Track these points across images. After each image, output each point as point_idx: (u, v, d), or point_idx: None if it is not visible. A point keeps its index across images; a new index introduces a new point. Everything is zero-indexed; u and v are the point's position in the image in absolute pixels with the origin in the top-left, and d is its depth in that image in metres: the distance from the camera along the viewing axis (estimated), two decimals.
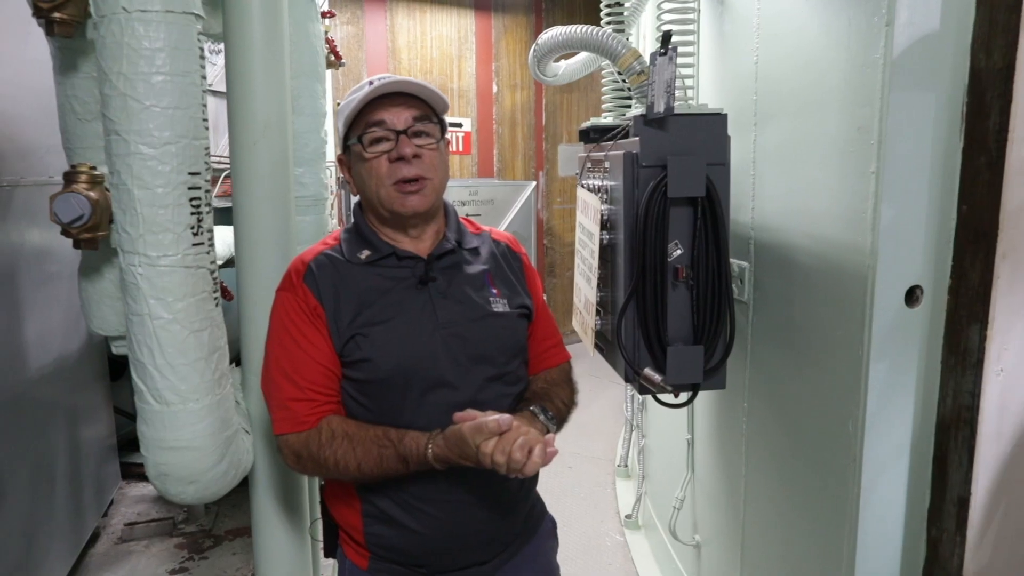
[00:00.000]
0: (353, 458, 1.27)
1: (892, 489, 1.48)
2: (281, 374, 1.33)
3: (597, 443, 4.48)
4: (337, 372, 1.34)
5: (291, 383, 1.32)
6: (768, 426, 1.89)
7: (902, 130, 1.36)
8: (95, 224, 1.76)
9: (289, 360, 1.33)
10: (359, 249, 1.39)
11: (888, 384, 1.44)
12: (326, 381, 1.33)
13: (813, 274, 1.62)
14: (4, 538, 2.36)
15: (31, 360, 2.63)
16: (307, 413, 1.31)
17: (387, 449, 1.26)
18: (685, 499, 2.57)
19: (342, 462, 1.27)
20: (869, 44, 1.38)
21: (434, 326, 1.34)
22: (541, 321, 1.54)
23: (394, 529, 1.35)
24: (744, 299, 1.95)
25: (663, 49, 1.61)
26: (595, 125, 2.02)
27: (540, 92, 6.72)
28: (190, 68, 1.41)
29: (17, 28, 2.55)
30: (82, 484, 3.06)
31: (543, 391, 1.47)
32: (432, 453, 1.23)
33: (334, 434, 1.29)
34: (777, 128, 1.78)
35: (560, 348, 1.58)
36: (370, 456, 1.26)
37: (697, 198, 1.61)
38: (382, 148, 1.34)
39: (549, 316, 1.57)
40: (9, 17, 2.51)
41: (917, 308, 1.42)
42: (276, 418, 1.33)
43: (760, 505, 1.97)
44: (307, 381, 1.31)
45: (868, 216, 1.40)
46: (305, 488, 1.91)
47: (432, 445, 1.23)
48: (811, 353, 1.64)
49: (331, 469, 1.29)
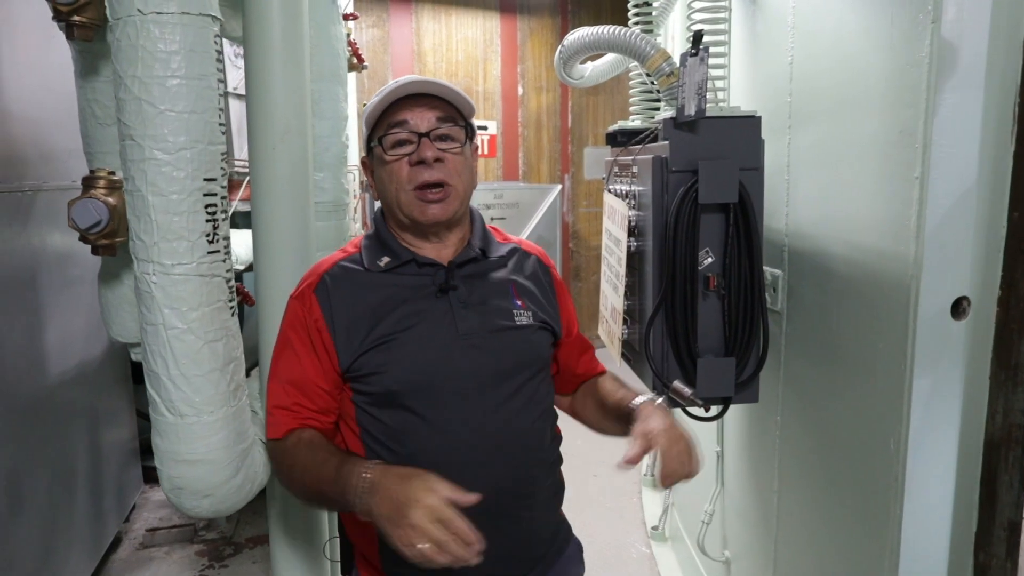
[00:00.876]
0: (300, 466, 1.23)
1: (937, 512, 1.41)
2: (276, 379, 1.33)
3: (623, 451, 4.38)
4: (329, 388, 1.30)
5: (282, 390, 1.31)
6: (803, 442, 1.82)
7: (949, 132, 1.29)
8: (113, 230, 1.74)
9: (286, 368, 1.32)
10: (379, 256, 1.34)
11: (932, 400, 1.37)
12: (314, 396, 1.30)
13: (851, 283, 1.55)
14: (23, 543, 2.35)
15: (52, 364, 2.62)
16: (287, 422, 1.29)
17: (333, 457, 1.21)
18: (714, 513, 2.50)
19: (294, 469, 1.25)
20: (914, 42, 1.31)
21: (453, 337, 1.28)
22: (578, 339, 1.51)
23: None
24: (777, 309, 1.88)
25: (694, 49, 1.55)
26: (623, 128, 1.96)
27: (566, 94, 6.67)
28: (206, 71, 1.37)
29: (42, 32, 2.55)
30: (103, 489, 3.06)
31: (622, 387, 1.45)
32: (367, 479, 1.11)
33: (299, 441, 1.27)
34: (813, 131, 1.71)
35: (597, 361, 1.54)
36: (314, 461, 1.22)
37: (729, 204, 1.55)
38: (403, 151, 1.28)
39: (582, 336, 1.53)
40: (34, 21, 2.51)
41: (964, 321, 1.36)
42: (266, 422, 1.33)
43: (794, 523, 1.89)
44: (295, 392, 1.30)
45: (912, 223, 1.34)
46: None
47: (368, 473, 1.12)
48: (849, 366, 1.57)
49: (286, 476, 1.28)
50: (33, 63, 2.54)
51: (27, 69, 2.50)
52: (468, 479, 1.24)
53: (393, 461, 1.24)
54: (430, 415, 1.25)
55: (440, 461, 1.23)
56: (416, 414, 1.25)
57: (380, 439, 1.27)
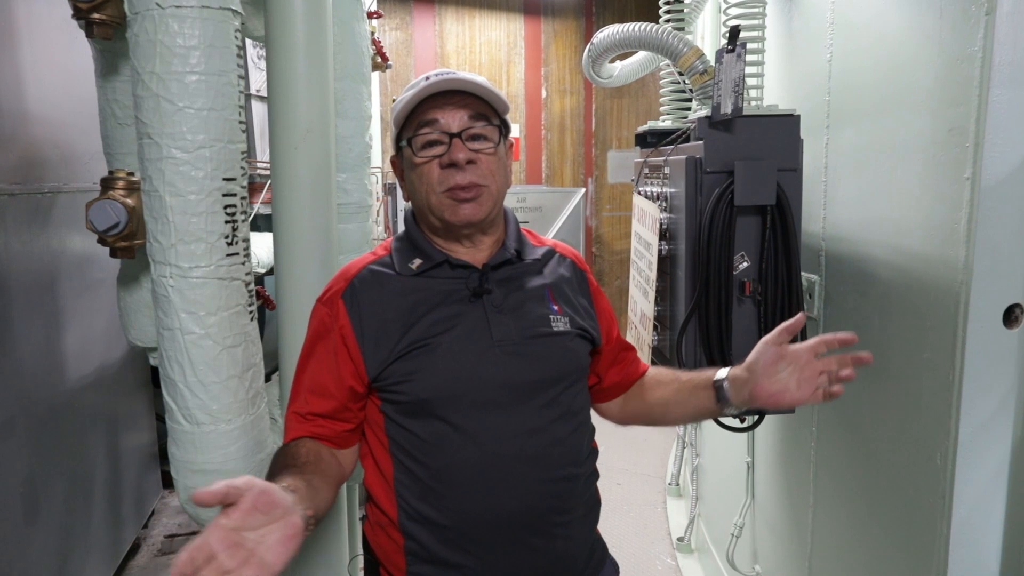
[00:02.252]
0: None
1: (987, 531, 1.34)
2: (298, 386, 1.27)
3: (648, 458, 4.33)
4: (350, 398, 1.24)
5: (301, 398, 1.25)
6: (841, 455, 1.75)
7: (1002, 131, 1.23)
8: (131, 232, 1.71)
9: (308, 375, 1.26)
10: (410, 258, 1.28)
11: (983, 413, 1.30)
12: (329, 406, 1.23)
13: (894, 290, 1.48)
14: (40, 549, 2.32)
15: (71, 368, 2.60)
16: (296, 429, 1.23)
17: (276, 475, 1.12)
18: (744, 526, 2.43)
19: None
20: (965, 36, 1.25)
21: (488, 344, 1.21)
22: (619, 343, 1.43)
23: (441, 570, 1.22)
24: (814, 315, 1.81)
25: (731, 45, 1.49)
26: (653, 129, 1.90)
27: (590, 97, 6.60)
28: (226, 67, 1.33)
29: (65, 34, 2.54)
30: (122, 494, 3.04)
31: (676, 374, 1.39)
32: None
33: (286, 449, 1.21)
34: (853, 130, 1.64)
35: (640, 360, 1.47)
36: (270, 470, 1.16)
37: (767, 206, 1.49)
38: (434, 152, 1.22)
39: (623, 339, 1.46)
40: (57, 23, 2.50)
41: (1017, 329, 1.29)
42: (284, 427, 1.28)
43: (830, 540, 1.82)
44: (314, 399, 1.24)
45: (962, 227, 1.27)
46: (344, 517, 1.81)
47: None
48: (892, 377, 1.50)
49: None
50: (55, 64, 2.53)
51: (49, 70, 2.49)
52: (501, 493, 1.19)
53: (423, 475, 1.19)
54: (463, 425, 1.18)
55: (473, 475, 1.17)
56: (449, 424, 1.19)
57: (410, 451, 1.21)
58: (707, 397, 1.30)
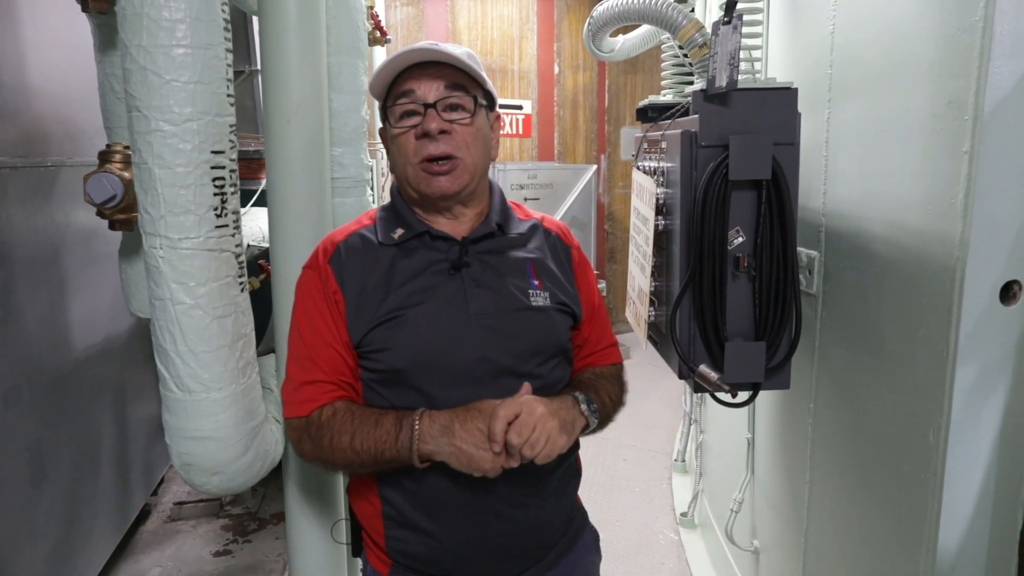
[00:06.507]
0: (348, 431, 1.18)
1: (978, 508, 1.32)
2: (294, 355, 1.27)
3: (654, 435, 4.33)
4: (350, 360, 1.25)
5: (301, 366, 1.25)
6: (837, 431, 1.74)
7: (1002, 104, 1.19)
8: (129, 204, 1.72)
9: (303, 342, 1.26)
10: (393, 228, 1.29)
11: (976, 390, 1.28)
12: (338, 367, 1.24)
13: (892, 266, 1.46)
14: (46, 513, 2.37)
15: (76, 339, 2.63)
16: (312, 397, 1.23)
17: (386, 416, 1.17)
18: (743, 501, 2.43)
19: (336, 437, 1.19)
20: (966, 5, 1.22)
21: (464, 317, 1.22)
22: (597, 322, 1.43)
23: (416, 534, 1.25)
24: (812, 291, 1.79)
25: (727, 17, 1.46)
26: (653, 103, 1.88)
27: (603, 73, 6.54)
28: (213, 41, 1.33)
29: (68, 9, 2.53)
30: (129, 462, 3.09)
31: (590, 381, 1.36)
32: (419, 428, 1.14)
33: (336, 411, 1.21)
34: (855, 104, 1.61)
35: (614, 351, 1.46)
36: (366, 425, 1.17)
37: (762, 181, 1.46)
38: (410, 123, 1.22)
39: (605, 318, 1.45)
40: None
41: (1014, 306, 1.26)
42: (284, 400, 1.28)
43: (825, 515, 1.82)
44: (318, 365, 1.24)
45: (959, 202, 1.24)
46: (340, 481, 1.84)
47: (420, 420, 1.15)
48: (888, 353, 1.49)
49: (326, 448, 1.20)
50: (59, 39, 2.53)
51: (52, 44, 2.49)
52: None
53: None
54: (438, 397, 1.20)
55: None
56: (423, 394, 1.20)
57: None
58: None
